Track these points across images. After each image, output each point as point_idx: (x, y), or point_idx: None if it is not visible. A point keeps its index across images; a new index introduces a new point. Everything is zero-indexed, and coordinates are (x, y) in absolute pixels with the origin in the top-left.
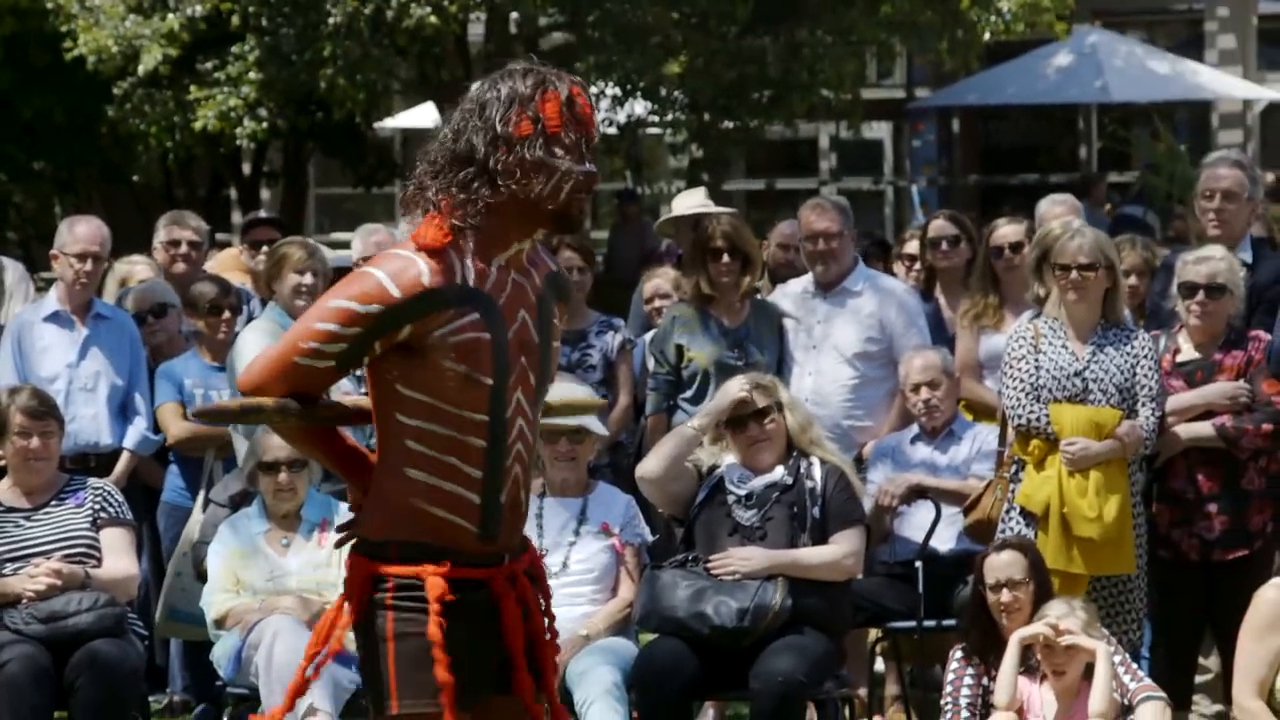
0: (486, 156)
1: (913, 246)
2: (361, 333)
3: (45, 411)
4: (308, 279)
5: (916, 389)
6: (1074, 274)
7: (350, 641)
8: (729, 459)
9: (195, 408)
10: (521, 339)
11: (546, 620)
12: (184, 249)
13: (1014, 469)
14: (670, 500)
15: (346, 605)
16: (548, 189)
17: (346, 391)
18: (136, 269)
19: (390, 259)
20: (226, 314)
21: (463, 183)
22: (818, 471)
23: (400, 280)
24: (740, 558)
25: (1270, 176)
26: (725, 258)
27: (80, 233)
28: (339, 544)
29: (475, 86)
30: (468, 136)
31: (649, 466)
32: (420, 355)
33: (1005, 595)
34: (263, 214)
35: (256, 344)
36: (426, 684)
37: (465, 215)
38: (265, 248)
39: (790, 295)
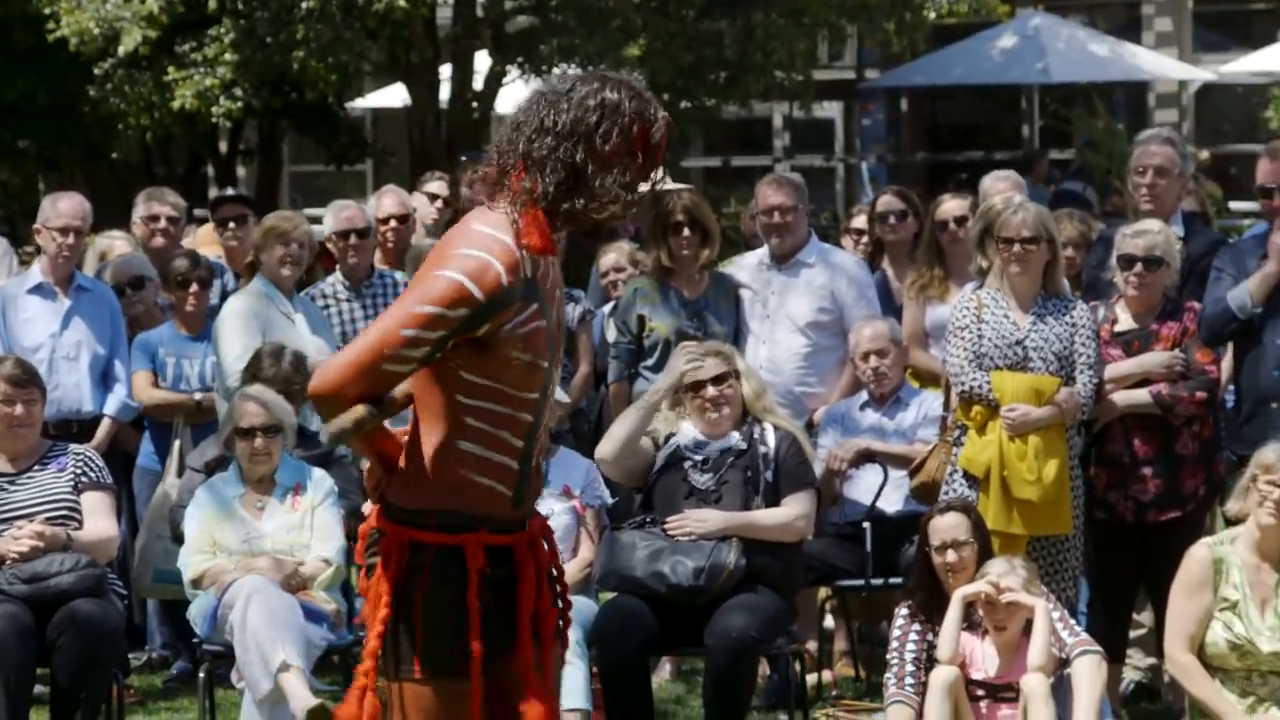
0: (582, 169)
1: (860, 221)
2: (445, 334)
3: (28, 380)
4: (293, 249)
5: (866, 357)
6: (1017, 247)
7: (322, 599)
8: (685, 426)
9: (325, 432)
10: (558, 320)
11: (557, 586)
12: (162, 224)
13: (957, 434)
14: (628, 475)
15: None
16: (607, 211)
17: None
18: (115, 243)
19: (466, 260)
20: (195, 287)
21: (560, 191)
22: (770, 437)
23: (482, 282)
24: (696, 519)
25: (1204, 154)
26: (685, 232)
27: (63, 208)
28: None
29: (575, 81)
30: (566, 142)
31: (606, 449)
32: (490, 347)
33: (949, 555)
34: (230, 192)
35: (241, 314)
36: (454, 651)
37: (555, 219)
38: (233, 224)
39: (746, 267)
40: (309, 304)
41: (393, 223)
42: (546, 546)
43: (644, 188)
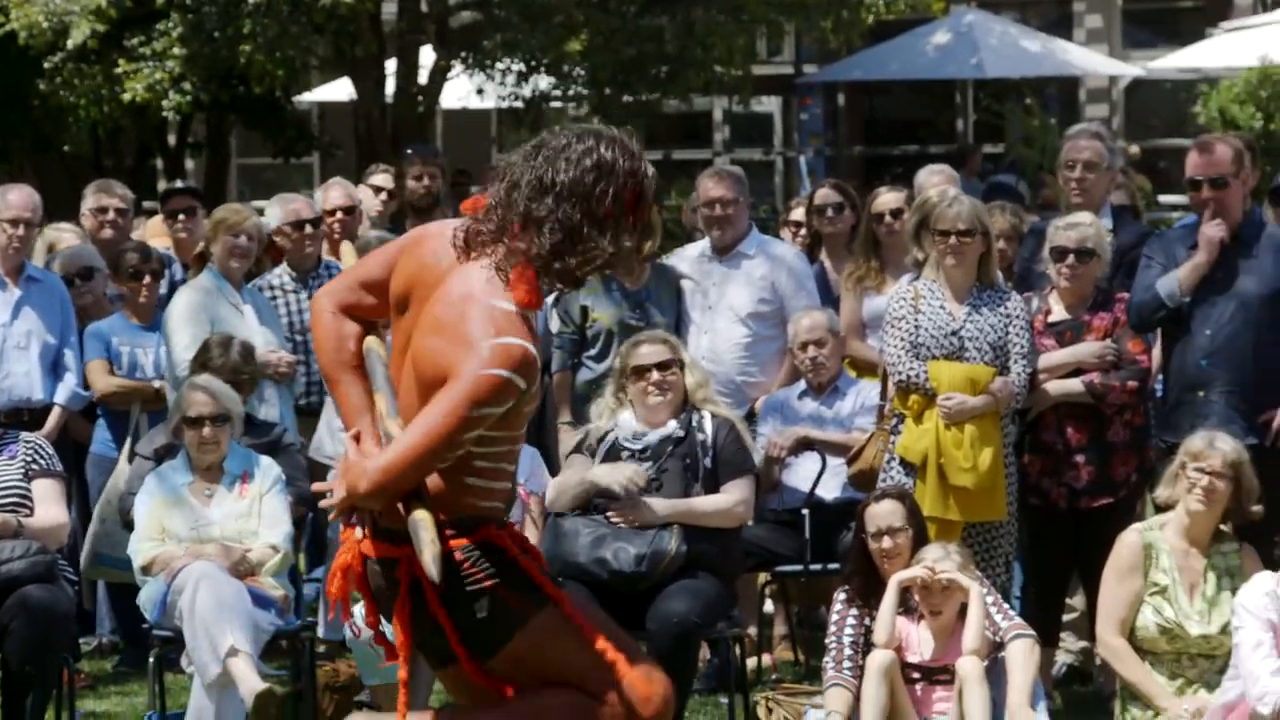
0: (578, 228)
1: (799, 213)
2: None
3: None
4: (241, 240)
5: (804, 347)
6: (953, 239)
7: (270, 585)
8: (624, 418)
9: (436, 565)
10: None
11: None
12: (111, 216)
13: (894, 422)
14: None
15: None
16: (577, 261)
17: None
18: (63, 235)
19: (509, 352)
20: (147, 278)
21: (554, 251)
22: (709, 424)
23: (525, 372)
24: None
25: (1133, 149)
26: None
27: (12, 200)
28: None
29: (571, 139)
30: (565, 204)
31: (559, 505)
32: (512, 410)
33: (885, 542)
34: (180, 184)
35: (190, 305)
36: (536, 587)
37: (544, 277)
38: (182, 216)
39: (687, 259)
40: (258, 295)
41: (339, 214)
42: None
43: (628, 243)
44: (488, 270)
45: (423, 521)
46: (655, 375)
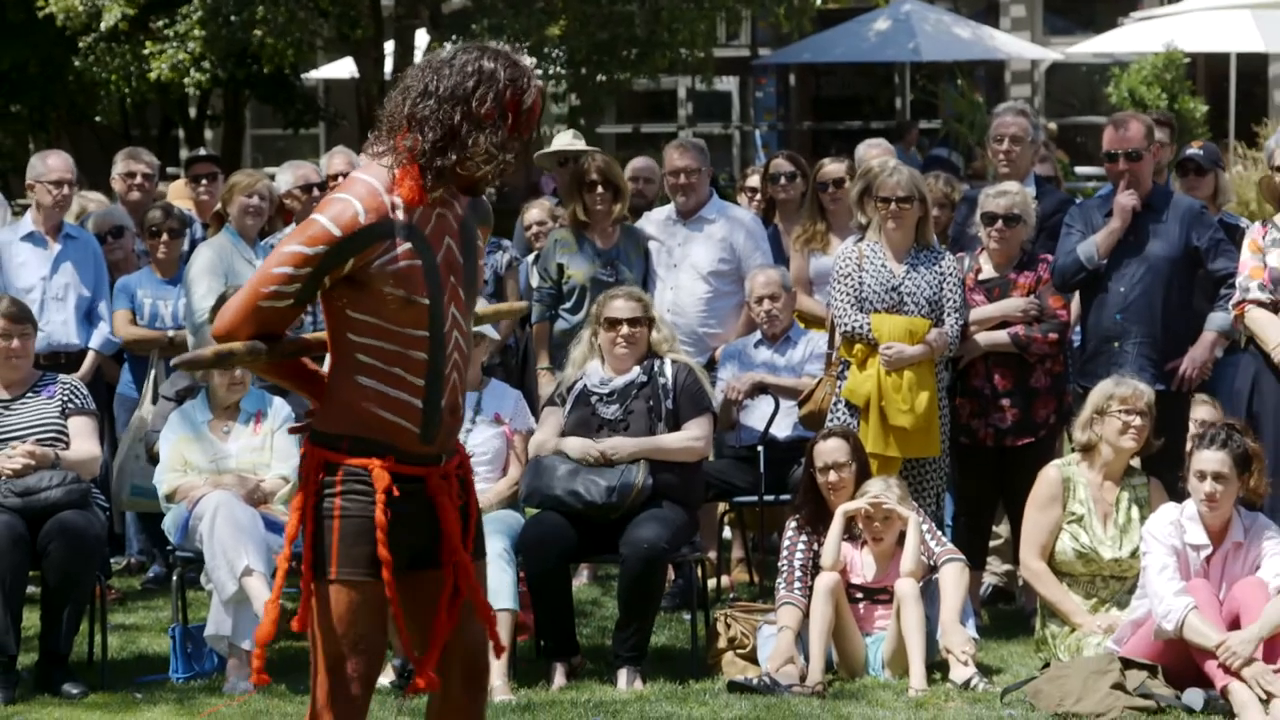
0: (458, 129)
1: (754, 181)
2: (312, 271)
3: (23, 316)
4: (254, 200)
5: (760, 301)
6: (894, 205)
7: (280, 512)
8: (591, 367)
9: (176, 359)
10: (449, 261)
11: (468, 519)
12: (139, 180)
13: (840, 369)
14: None
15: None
16: (481, 170)
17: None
18: (90, 203)
19: (331, 203)
20: (167, 236)
21: (434, 145)
22: (669, 369)
23: (340, 221)
24: (611, 446)
25: (1052, 125)
26: (599, 189)
27: (52, 163)
28: (294, 430)
29: (457, 51)
30: (445, 104)
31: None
32: (364, 284)
33: (832, 476)
34: (203, 152)
35: (209, 259)
36: (363, 557)
37: (427, 173)
38: (205, 180)
39: (654, 221)
40: (270, 251)
41: (341, 179)
42: (462, 484)
43: (514, 150)
44: (381, 167)
45: (228, 345)
46: (625, 329)
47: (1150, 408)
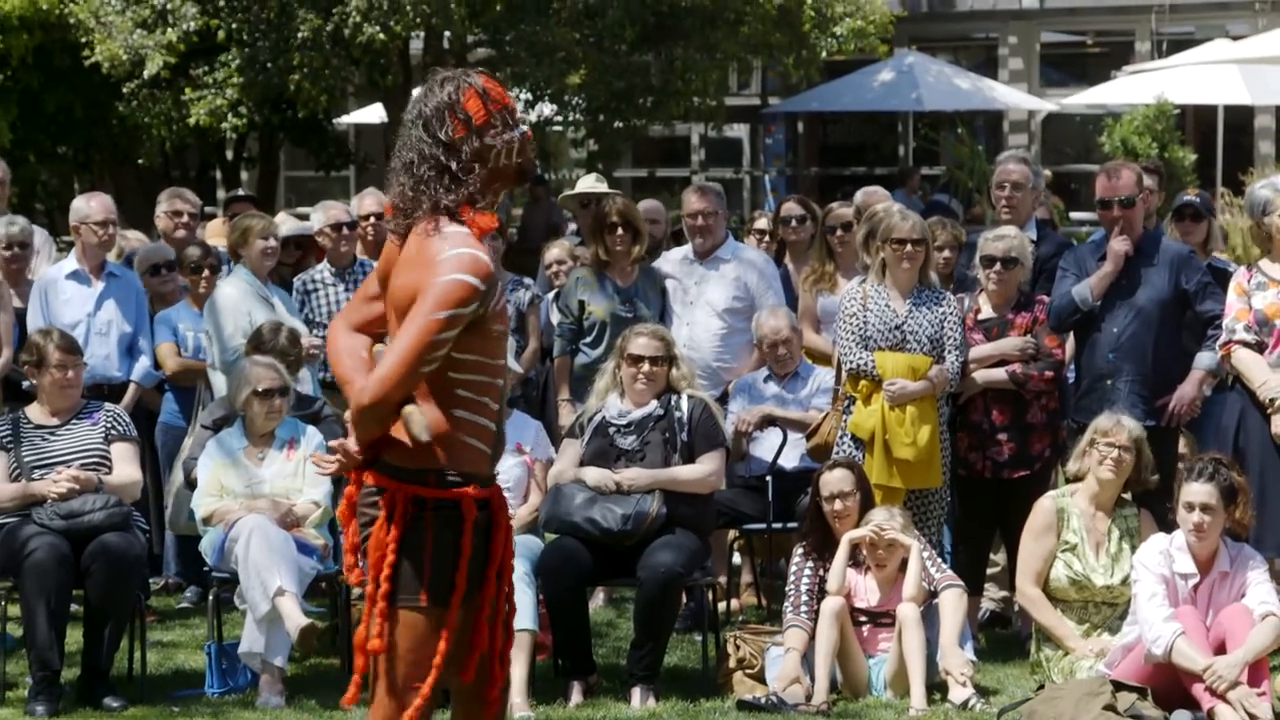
0: (449, 162)
1: (763, 223)
2: (462, 328)
3: (74, 348)
4: (271, 243)
5: (773, 347)
6: (908, 247)
7: (312, 535)
8: (610, 400)
9: (426, 434)
10: (502, 292)
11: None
12: (185, 219)
13: (846, 403)
14: None
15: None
16: (499, 162)
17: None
18: (130, 241)
19: (461, 259)
20: (206, 272)
21: (450, 185)
22: (685, 404)
23: (479, 273)
24: (628, 477)
25: (1047, 172)
26: (619, 231)
27: (95, 205)
28: (322, 462)
29: (413, 102)
30: (431, 150)
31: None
32: (476, 327)
33: (838, 504)
34: (240, 192)
35: (232, 296)
36: (445, 585)
37: (475, 201)
38: None
39: (672, 261)
40: (280, 290)
41: (372, 219)
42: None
43: (517, 126)
44: (429, 222)
45: (413, 409)
46: (646, 367)
47: (1136, 443)
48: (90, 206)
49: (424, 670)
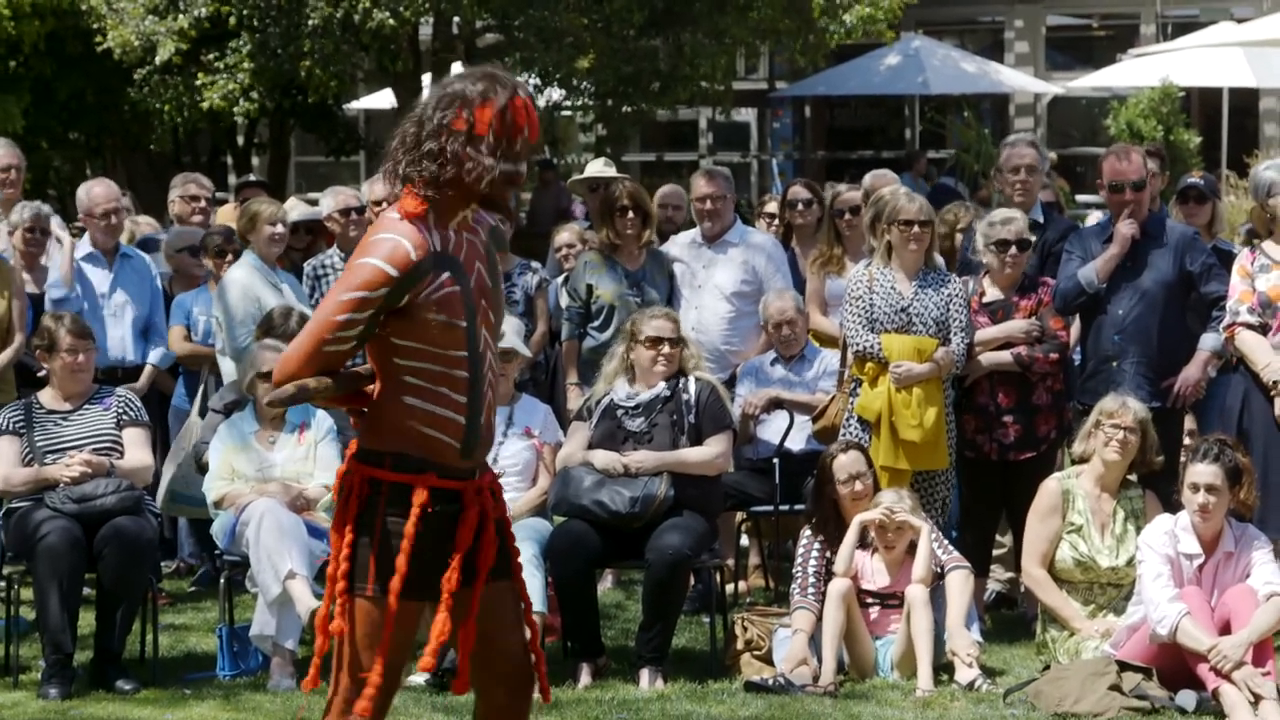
0: (427, 141)
1: (771, 207)
2: (373, 313)
3: (86, 333)
4: (279, 229)
5: (778, 327)
6: (916, 228)
7: (323, 519)
8: (618, 384)
9: (267, 398)
10: (479, 286)
11: (499, 528)
12: (201, 204)
13: (853, 385)
14: None
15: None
16: (471, 177)
17: None
18: (142, 226)
19: (380, 245)
20: (230, 256)
21: (414, 160)
22: (692, 386)
23: (394, 260)
24: (636, 459)
25: (1053, 155)
26: (629, 214)
27: (98, 194)
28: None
29: (446, 79)
30: (424, 123)
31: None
32: (409, 313)
33: (857, 485)
34: (252, 177)
35: (239, 281)
36: (389, 576)
37: (426, 187)
38: None
39: (680, 244)
40: (288, 275)
41: (386, 204)
42: (494, 497)
43: (511, 161)
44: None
45: (303, 381)
46: (666, 349)
47: (1141, 424)
48: (90, 196)
49: (372, 661)
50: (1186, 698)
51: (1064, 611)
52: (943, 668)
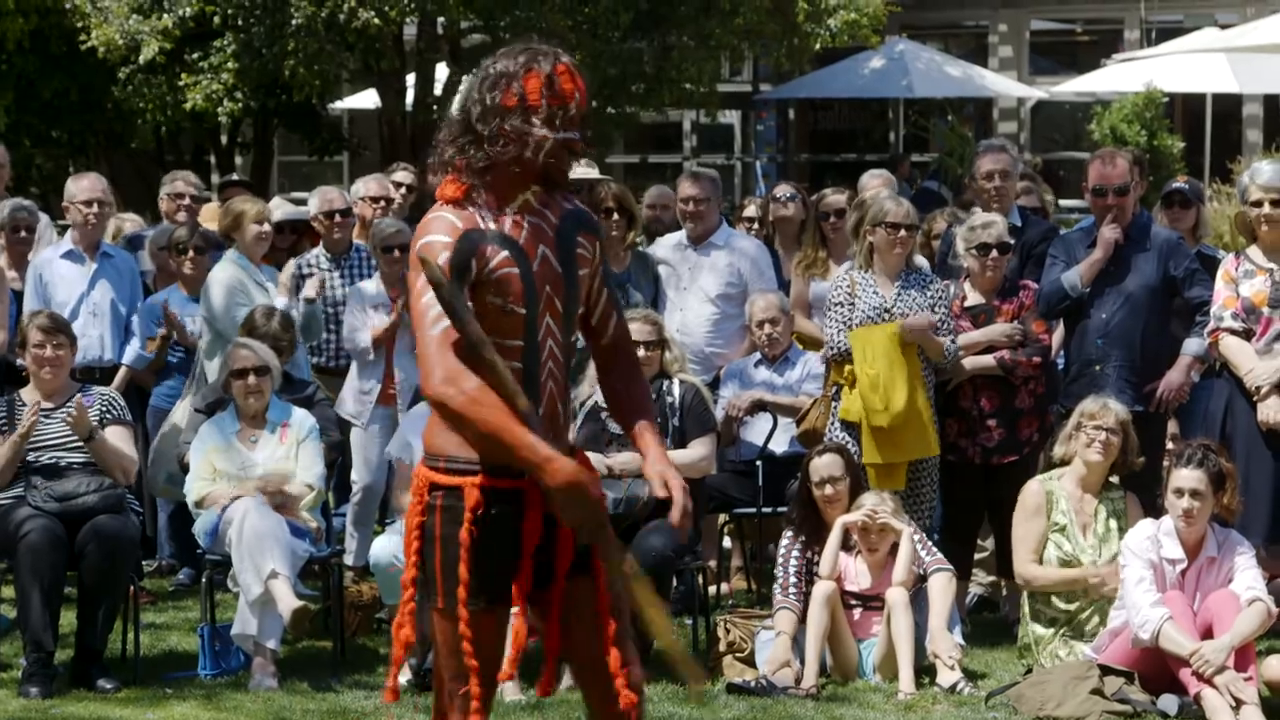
0: (480, 125)
1: (752, 210)
2: (454, 281)
3: (57, 328)
4: (265, 228)
5: (761, 325)
6: (902, 231)
7: (305, 518)
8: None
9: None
10: (544, 271)
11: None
12: (187, 201)
13: (835, 389)
14: None
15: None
16: (528, 153)
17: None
18: (126, 223)
19: (426, 225)
20: (193, 253)
21: (463, 146)
22: (676, 389)
23: (443, 230)
24: (620, 461)
25: (1038, 159)
26: (614, 216)
27: (84, 185)
28: None
29: (487, 60)
30: (469, 107)
31: None
32: (474, 294)
33: (828, 489)
34: (235, 177)
35: (225, 280)
36: (454, 586)
37: (471, 173)
38: None
39: (666, 246)
40: (273, 272)
41: (384, 202)
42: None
43: (566, 129)
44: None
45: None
46: (641, 352)
47: (1122, 425)
48: (77, 186)
49: (463, 671)
50: (1168, 702)
51: (1072, 577)
52: (925, 670)
